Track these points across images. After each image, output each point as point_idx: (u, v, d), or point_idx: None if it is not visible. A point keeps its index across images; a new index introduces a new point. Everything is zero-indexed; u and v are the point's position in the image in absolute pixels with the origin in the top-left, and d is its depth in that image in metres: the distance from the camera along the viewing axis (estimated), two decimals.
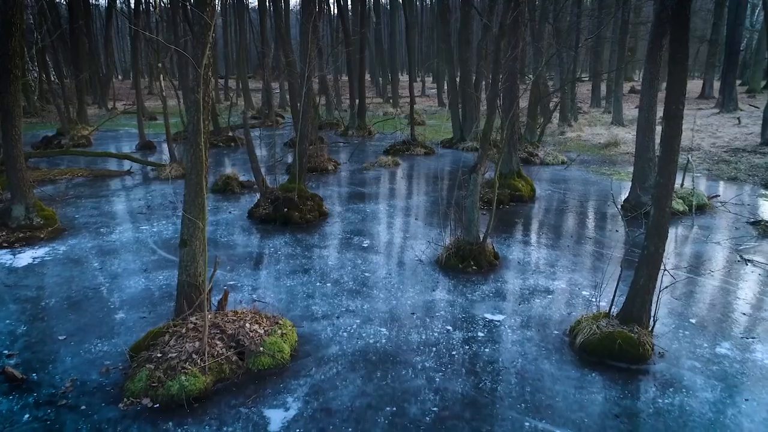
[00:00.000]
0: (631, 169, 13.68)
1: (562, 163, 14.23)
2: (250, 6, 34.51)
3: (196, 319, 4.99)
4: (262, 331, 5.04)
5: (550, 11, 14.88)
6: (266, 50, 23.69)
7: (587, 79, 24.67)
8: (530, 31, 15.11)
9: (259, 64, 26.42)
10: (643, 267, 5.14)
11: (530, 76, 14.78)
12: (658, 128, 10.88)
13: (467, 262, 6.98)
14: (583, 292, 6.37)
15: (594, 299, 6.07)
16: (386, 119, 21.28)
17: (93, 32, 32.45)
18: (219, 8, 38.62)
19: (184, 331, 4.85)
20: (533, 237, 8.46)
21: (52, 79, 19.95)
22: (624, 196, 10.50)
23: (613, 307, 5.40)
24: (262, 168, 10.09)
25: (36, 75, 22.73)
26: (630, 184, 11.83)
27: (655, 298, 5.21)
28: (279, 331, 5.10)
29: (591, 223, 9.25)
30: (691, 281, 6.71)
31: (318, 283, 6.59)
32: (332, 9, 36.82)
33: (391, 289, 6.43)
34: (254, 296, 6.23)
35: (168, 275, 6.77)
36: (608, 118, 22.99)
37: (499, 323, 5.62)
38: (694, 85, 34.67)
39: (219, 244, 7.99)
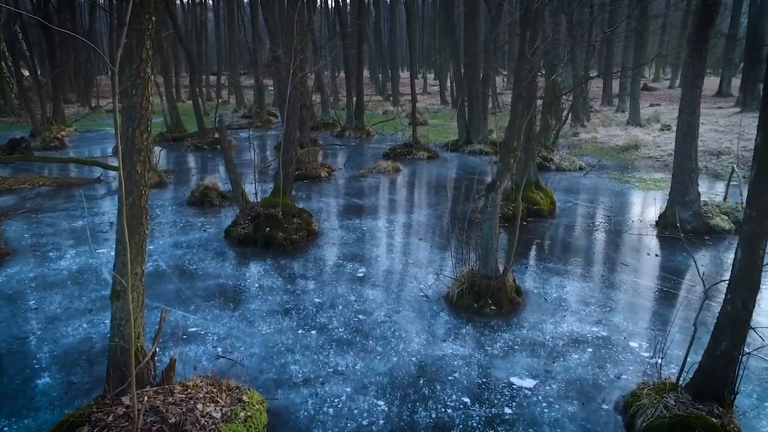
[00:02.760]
0: (657, 175, 12.44)
1: (580, 169, 12.94)
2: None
3: (131, 399, 3.72)
4: (218, 415, 3.78)
5: (566, 1, 13.56)
6: (258, 45, 22.36)
7: (596, 75, 23.30)
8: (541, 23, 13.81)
9: (251, 61, 25.10)
10: (725, 328, 3.86)
11: (542, 72, 13.45)
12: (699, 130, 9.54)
13: (484, 301, 5.71)
14: (631, 343, 5.10)
15: (645, 354, 4.83)
16: (386, 120, 19.97)
17: (81, 24, 31.13)
18: (211, 2, 37.26)
19: (110, 419, 3.59)
20: (559, 263, 7.18)
21: (26, 74, 18.57)
22: (652, 207, 9.23)
23: (677, 372, 4.14)
24: (249, 175, 8.84)
25: (13, 69, 21.36)
26: (660, 194, 10.59)
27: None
28: (242, 413, 3.84)
29: (623, 245, 7.97)
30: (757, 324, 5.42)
31: (300, 330, 5.32)
32: (329, 1, 35.41)
33: (390, 338, 5.17)
34: (219, 350, 4.96)
35: None
36: (622, 118, 21.68)
37: (530, 392, 4.35)
38: (710, 83, 33.36)
39: (186, 274, 6.72)
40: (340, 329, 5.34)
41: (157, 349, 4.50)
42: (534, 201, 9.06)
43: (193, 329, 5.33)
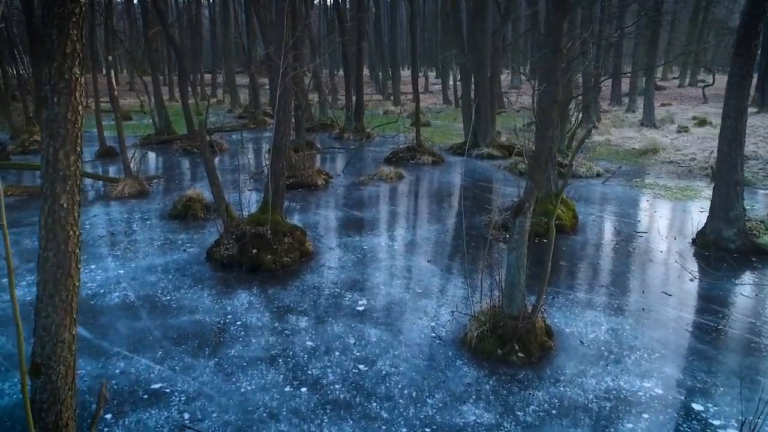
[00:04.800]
0: (682, 182, 11.49)
1: (598, 175, 11.98)
2: None
3: None
4: None
5: None
6: (253, 42, 21.36)
7: (616, 74, 22.24)
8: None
9: (246, 58, 24.12)
10: None
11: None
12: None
13: (510, 347, 4.76)
14: (694, 405, 4.14)
15: (715, 422, 3.89)
16: (388, 121, 18.96)
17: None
18: None
19: None
20: (590, 292, 6.23)
21: (9, 71, 17.56)
22: (685, 221, 8.29)
23: None
24: (241, 182, 7.87)
25: None
26: (690, 204, 9.67)
27: None
28: None
29: (660, 268, 7.02)
30: None
31: (288, 387, 4.36)
32: None
33: (398, 399, 4.21)
34: (186, 417, 4.00)
35: None
36: (633, 118, 20.74)
37: None
38: (721, 81, 32.43)
39: (157, 307, 5.75)
40: (337, 385, 4.38)
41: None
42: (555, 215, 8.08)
43: (157, 385, 4.37)
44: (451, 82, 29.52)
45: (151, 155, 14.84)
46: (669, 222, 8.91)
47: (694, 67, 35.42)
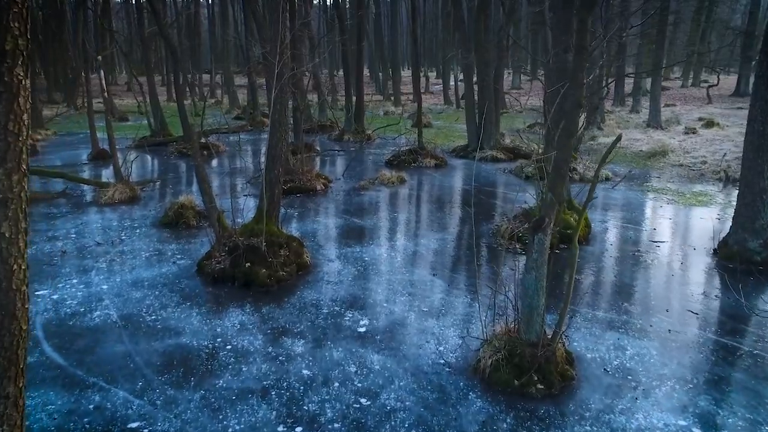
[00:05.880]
0: (696, 188, 11.03)
1: (607, 179, 11.53)
2: None
3: None
4: None
5: None
6: (252, 42, 20.89)
7: (628, 74, 21.70)
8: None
9: (244, 58, 23.66)
10: None
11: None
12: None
13: (528, 377, 4.30)
14: None
15: None
16: (389, 123, 18.49)
17: (68, 19, 29.67)
18: None
19: None
20: (610, 311, 5.77)
21: None
22: (703, 229, 7.82)
23: None
24: (238, 186, 7.41)
25: None
26: (706, 211, 9.21)
27: None
28: None
29: (682, 282, 6.56)
30: None
31: (281, 427, 3.90)
32: None
33: None
34: None
35: (36, 404, 4.07)
36: (637, 119, 20.30)
37: None
38: (726, 82, 32.04)
39: (141, 328, 5.29)
40: (336, 424, 3.92)
41: None
42: (567, 224, 7.65)
43: (135, 424, 3.91)
44: (452, 82, 29.08)
45: (146, 158, 14.38)
46: (686, 230, 8.45)
47: (696, 68, 34.99)
